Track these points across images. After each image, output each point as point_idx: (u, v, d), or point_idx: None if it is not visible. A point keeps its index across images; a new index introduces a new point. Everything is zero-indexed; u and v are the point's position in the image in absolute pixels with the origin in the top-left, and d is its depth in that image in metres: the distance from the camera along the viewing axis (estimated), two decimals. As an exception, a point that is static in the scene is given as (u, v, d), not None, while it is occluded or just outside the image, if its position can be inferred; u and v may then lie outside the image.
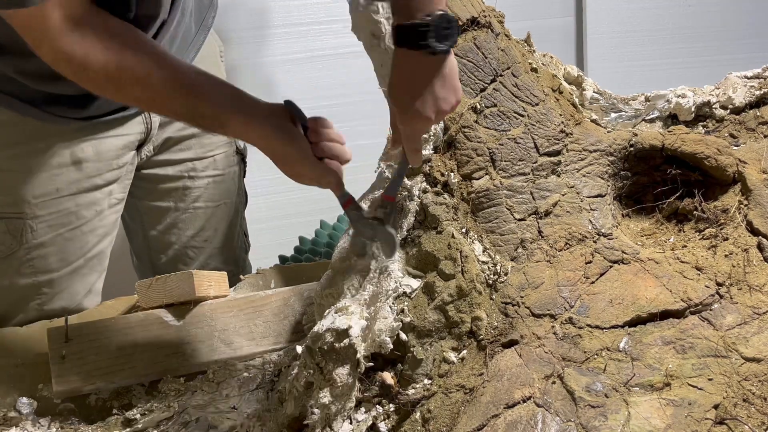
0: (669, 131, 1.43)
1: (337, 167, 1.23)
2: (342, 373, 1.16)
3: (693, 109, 1.50)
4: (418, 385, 1.22)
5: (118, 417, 1.36)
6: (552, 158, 1.37)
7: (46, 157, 1.42)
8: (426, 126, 1.19)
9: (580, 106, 1.48)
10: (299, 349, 1.21)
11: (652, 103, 1.53)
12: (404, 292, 1.27)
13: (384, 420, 1.21)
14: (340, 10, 1.25)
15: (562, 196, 1.35)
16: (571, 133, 1.39)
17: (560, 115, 1.40)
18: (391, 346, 1.21)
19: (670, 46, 2.93)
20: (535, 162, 1.36)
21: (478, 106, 1.36)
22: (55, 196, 1.44)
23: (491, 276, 1.28)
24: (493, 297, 1.27)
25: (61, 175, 1.44)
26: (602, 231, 1.33)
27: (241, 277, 1.58)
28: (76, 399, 1.39)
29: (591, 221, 1.34)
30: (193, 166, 1.64)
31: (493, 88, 1.38)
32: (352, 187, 1.38)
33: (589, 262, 1.30)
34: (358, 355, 1.16)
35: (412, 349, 1.24)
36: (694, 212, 1.37)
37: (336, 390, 1.16)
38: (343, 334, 1.16)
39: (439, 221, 1.30)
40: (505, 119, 1.36)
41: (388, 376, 1.23)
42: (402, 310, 1.25)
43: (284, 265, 2.21)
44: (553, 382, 1.17)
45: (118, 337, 1.38)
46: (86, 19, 1.10)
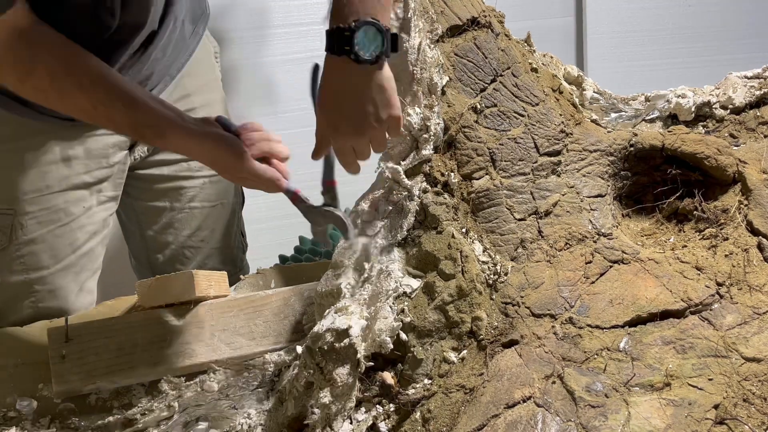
0: (669, 131, 1.43)
1: (278, 165, 1.28)
2: (342, 373, 1.16)
3: (693, 109, 1.50)
4: (418, 385, 1.22)
5: (118, 417, 1.36)
6: (552, 158, 1.37)
7: (37, 154, 1.43)
8: (351, 141, 1.14)
9: (580, 106, 1.48)
10: (299, 349, 1.22)
11: (652, 103, 1.53)
12: (404, 292, 1.27)
13: (384, 420, 1.21)
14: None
15: (562, 196, 1.35)
16: (571, 133, 1.39)
17: (560, 115, 1.40)
18: (391, 346, 1.21)
19: (670, 46, 2.93)
20: (535, 162, 1.36)
21: (478, 106, 1.36)
22: (45, 193, 1.45)
23: (491, 276, 1.28)
24: (493, 297, 1.27)
25: (51, 171, 1.45)
26: (602, 231, 1.33)
27: (241, 277, 1.57)
28: (76, 399, 1.39)
29: (591, 221, 1.34)
30: (188, 166, 1.64)
31: (493, 88, 1.38)
32: (353, 187, 1.38)
33: (589, 262, 1.30)
34: (358, 355, 1.17)
35: (412, 349, 1.24)
36: (694, 212, 1.37)
37: (336, 390, 1.16)
38: (343, 334, 1.16)
39: (439, 221, 1.30)
40: (505, 119, 1.36)
41: (389, 376, 1.23)
42: (402, 310, 1.25)
43: (284, 265, 2.22)
44: (553, 382, 1.17)
45: (118, 337, 1.38)
46: (34, 30, 1.15)
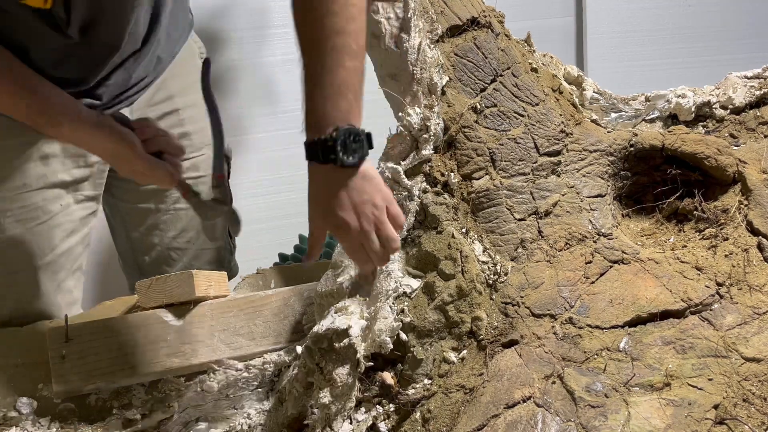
0: (669, 131, 1.43)
1: (171, 161, 1.33)
2: (342, 373, 1.16)
3: (693, 109, 1.50)
4: (418, 385, 1.22)
5: (118, 417, 1.36)
6: (552, 158, 1.37)
7: (16, 153, 1.43)
8: (351, 233, 1.18)
9: (580, 106, 1.48)
10: (299, 350, 1.22)
11: (652, 103, 1.53)
12: (404, 292, 1.27)
13: (384, 420, 1.21)
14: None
15: (562, 196, 1.35)
16: (571, 133, 1.39)
17: (560, 115, 1.40)
18: (391, 346, 1.21)
19: (670, 46, 2.93)
20: (535, 162, 1.36)
21: (478, 106, 1.36)
22: (23, 191, 1.45)
23: (491, 276, 1.28)
24: (493, 297, 1.27)
25: (28, 170, 1.45)
26: (602, 231, 1.33)
27: (240, 277, 1.57)
28: (76, 399, 1.39)
29: (591, 221, 1.34)
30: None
31: (493, 88, 1.38)
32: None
33: (589, 262, 1.30)
34: (358, 355, 1.17)
35: (412, 349, 1.24)
36: (694, 212, 1.37)
37: (336, 390, 1.16)
38: (343, 334, 1.16)
39: (439, 221, 1.30)
40: (505, 119, 1.36)
41: (388, 376, 1.23)
42: (402, 310, 1.25)
43: (284, 263, 2.22)
44: (553, 382, 1.17)
45: (118, 337, 1.38)
46: None
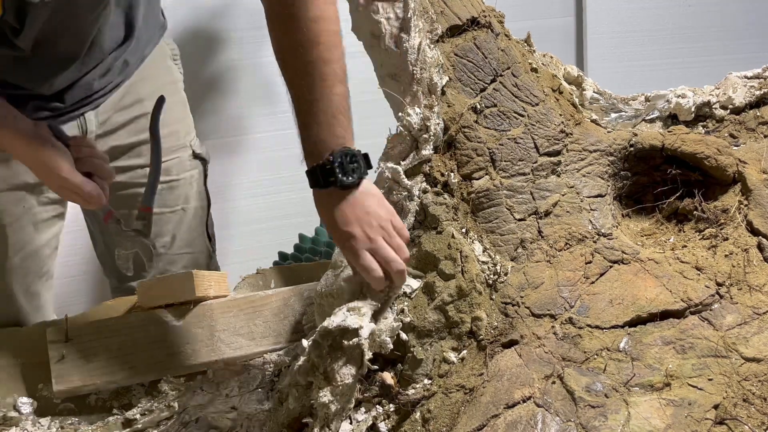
0: (669, 131, 1.43)
1: (100, 184, 1.32)
2: (345, 372, 1.16)
3: (693, 109, 1.50)
4: (418, 385, 1.22)
5: (118, 417, 1.36)
6: (552, 158, 1.37)
7: None
8: (359, 243, 1.21)
9: (580, 106, 1.48)
10: (305, 343, 1.21)
11: (652, 103, 1.53)
12: (404, 292, 1.27)
13: (384, 420, 1.21)
14: (339, 10, 1.24)
15: (562, 196, 1.35)
16: (571, 133, 1.39)
17: (560, 115, 1.40)
18: (391, 346, 1.21)
19: (670, 46, 2.93)
20: (535, 162, 1.36)
21: (478, 106, 1.36)
22: None
23: (491, 276, 1.28)
24: (493, 297, 1.27)
25: None
26: (602, 231, 1.33)
27: (240, 277, 1.58)
28: (76, 399, 1.39)
29: (591, 221, 1.34)
30: (145, 173, 1.62)
31: (493, 88, 1.37)
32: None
33: (589, 262, 1.30)
34: (365, 357, 1.16)
35: (412, 349, 1.24)
36: (694, 212, 1.37)
37: (337, 389, 1.16)
38: (353, 333, 1.16)
39: (439, 221, 1.30)
40: (505, 119, 1.36)
41: (388, 376, 1.23)
42: (402, 310, 1.25)
43: (284, 262, 2.22)
44: (553, 382, 1.17)
45: (118, 337, 1.38)
46: None
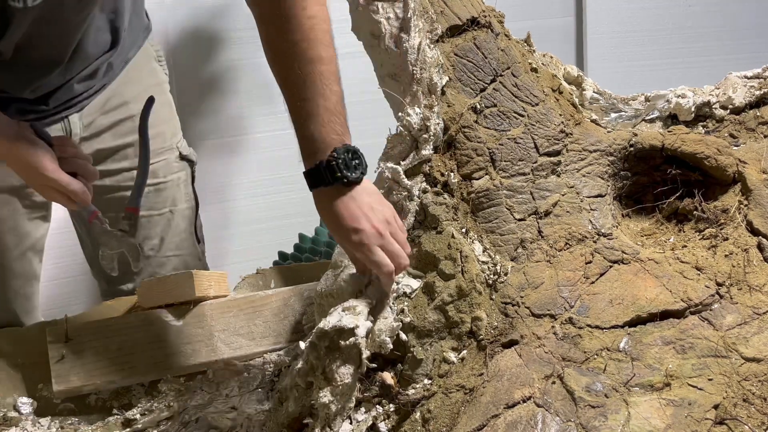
0: (669, 131, 1.43)
1: (85, 183, 1.32)
2: (344, 372, 1.16)
3: (693, 109, 1.50)
4: (418, 385, 1.22)
5: (118, 417, 1.36)
6: (552, 158, 1.37)
7: None
8: (368, 236, 1.21)
9: (580, 106, 1.48)
10: (302, 345, 1.21)
11: (652, 103, 1.53)
12: (404, 292, 1.27)
13: (384, 420, 1.21)
14: (339, 10, 1.24)
15: (562, 196, 1.35)
16: (571, 133, 1.39)
17: (560, 115, 1.40)
18: (391, 346, 1.21)
19: (670, 46, 2.93)
20: (535, 162, 1.36)
21: (478, 106, 1.36)
22: None
23: (491, 276, 1.28)
24: (493, 297, 1.27)
25: None
26: (602, 231, 1.33)
27: (240, 277, 1.58)
28: (76, 399, 1.39)
29: (591, 221, 1.34)
30: (131, 176, 1.60)
31: (493, 88, 1.37)
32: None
33: (589, 262, 1.30)
34: (363, 356, 1.16)
35: (412, 349, 1.24)
36: (694, 212, 1.37)
37: (336, 389, 1.16)
38: (350, 332, 1.16)
39: (439, 221, 1.30)
40: (505, 119, 1.36)
41: (388, 376, 1.23)
42: (402, 310, 1.25)
43: (284, 262, 2.22)
44: (553, 382, 1.17)
45: (118, 337, 1.38)
46: None
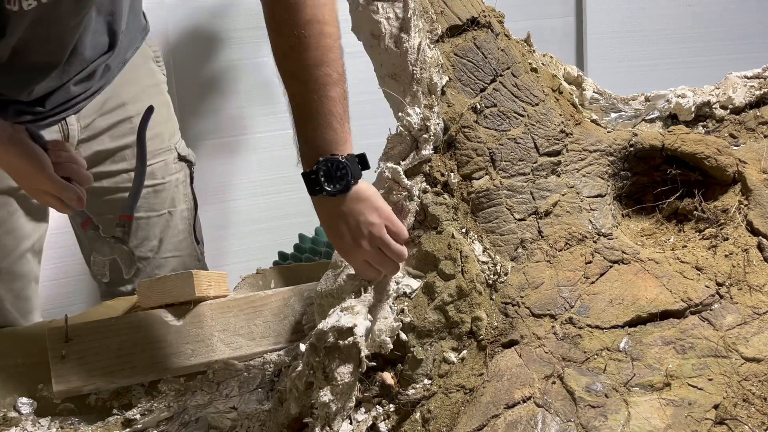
0: (669, 131, 1.43)
1: (79, 189, 1.32)
2: (344, 371, 1.16)
3: (693, 109, 1.50)
4: (418, 385, 1.22)
5: (118, 417, 1.36)
6: (552, 158, 1.37)
7: None
8: (354, 256, 1.21)
9: (580, 106, 1.48)
10: (302, 347, 1.21)
11: (652, 103, 1.53)
12: (404, 292, 1.27)
13: (384, 420, 1.21)
14: (339, 10, 1.24)
15: (562, 196, 1.35)
16: (571, 133, 1.39)
17: (560, 115, 1.40)
18: (391, 346, 1.21)
19: (670, 46, 2.93)
20: (535, 162, 1.36)
21: (478, 106, 1.36)
22: None
23: (491, 276, 1.28)
24: (493, 297, 1.27)
25: None
26: (602, 231, 1.33)
27: (240, 277, 1.58)
28: (76, 399, 1.39)
29: (591, 221, 1.34)
30: (129, 177, 1.61)
31: (493, 88, 1.37)
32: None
33: (589, 262, 1.30)
34: (362, 355, 1.16)
35: (412, 349, 1.24)
36: (694, 212, 1.37)
37: (336, 388, 1.16)
38: (348, 332, 1.16)
39: (439, 221, 1.30)
40: (505, 119, 1.36)
41: (388, 376, 1.23)
42: (402, 310, 1.25)
43: (284, 262, 2.22)
44: (553, 382, 1.17)
45: (118, 337, 1.38)
46: None
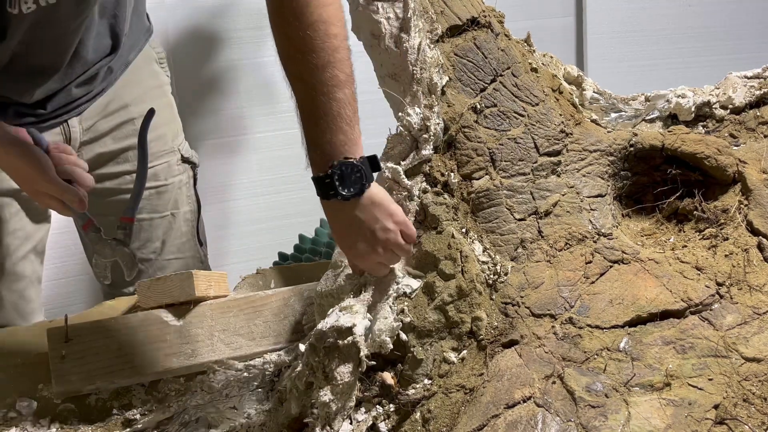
0: (669, 131, 1.43)
1: (80, 191, 1.33)
2: (344, 371, 1.16)
3: (693, 109, 1.50)
4: (418, 385, 1.22)
5: (118, 417, 1.36)
6: (552, 158, 1.37)
7: None
8: (368, 261, 1.21)
9: (580, 106, 1.48)
10: (302, 347, 1.22)
11: (652, 103, 1.53)
12: (404, 292, 1.27)
13: (384, 420, 1.21)
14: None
15: (562, 196, 1.35)
16: (571, 133, 1.39)
17: (560, 115, 1.40)
18: (391, 346, 1.21)
19: (670, 46, 2.93)
20: (535, 162, 1.36)
21: (478, 106, 1.36)
22: None
23: (491, 276, 1.28)
24: (493, 297, 1.27)
25: None
26: (602, 231, 1.33)
27: (240, 277, 1.58)
28: (76, 399, 1.39)
29: (591, 221, 1.34)
30: (132, 179, 1.61)
31: (493, 88, 1.37)
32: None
33: (589, 262, 1.30)
34: (362, 354, 1.16)
35: (412, 349, 1.24)
36: (694, 212, 1.37)
37: (336, 388, 1.16)
38: (347, 332, 1.16)
39: (439, 221, 1.30)
40: (505, 119, 1.36)
41: (388, 376, 1.23)
42: (402, 310, 1.25)
43: (284, 262, 2.22)
44: (553, 382, 1.17)
45: (118, 337, 1.38)
46: None
